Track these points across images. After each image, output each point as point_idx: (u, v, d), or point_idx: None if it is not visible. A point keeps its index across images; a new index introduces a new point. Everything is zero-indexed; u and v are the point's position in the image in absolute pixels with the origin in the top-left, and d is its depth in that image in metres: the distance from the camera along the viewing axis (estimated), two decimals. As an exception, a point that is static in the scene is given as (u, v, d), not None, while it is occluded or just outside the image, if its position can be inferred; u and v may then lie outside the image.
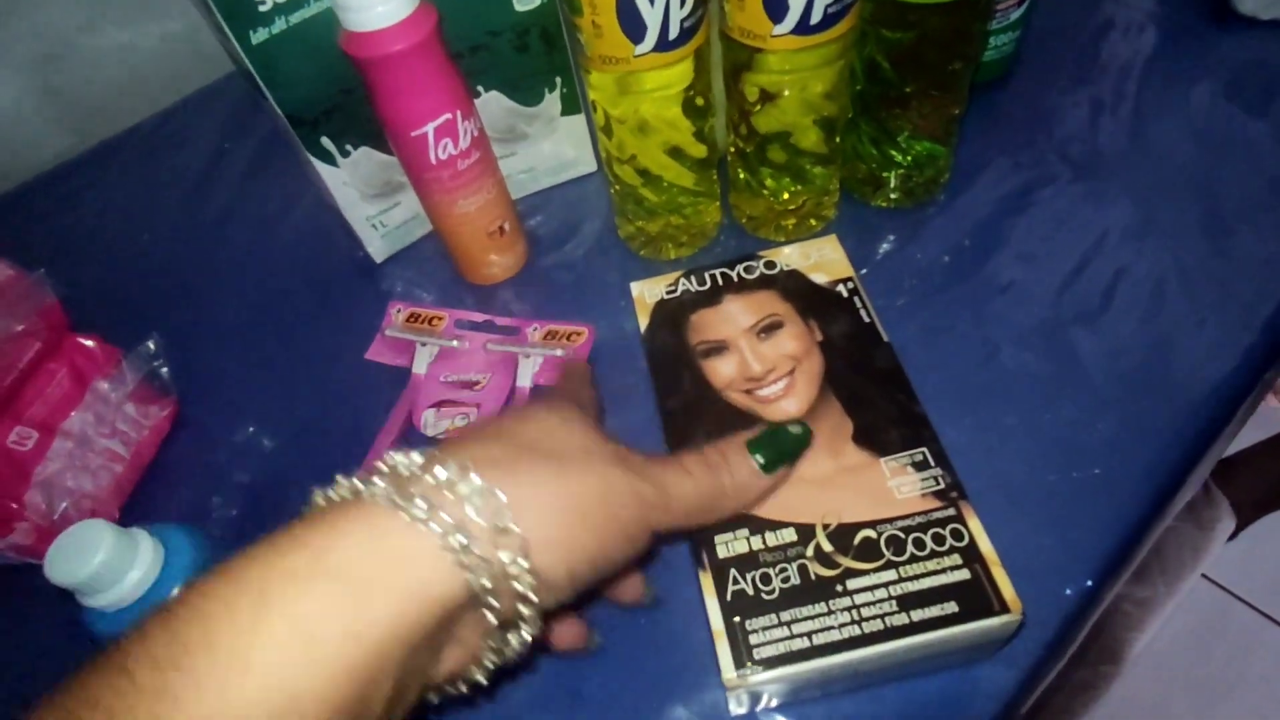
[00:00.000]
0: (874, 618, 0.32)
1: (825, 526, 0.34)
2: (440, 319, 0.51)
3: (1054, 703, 0.84)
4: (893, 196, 0.52)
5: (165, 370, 0.51)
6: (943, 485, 0.35)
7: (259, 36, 0.44)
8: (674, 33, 0.40)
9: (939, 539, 0.33)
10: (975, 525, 0.34)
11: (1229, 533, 0.99)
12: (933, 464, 0.36)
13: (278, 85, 0.46)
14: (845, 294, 0.43)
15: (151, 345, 0.51)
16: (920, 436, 0.37)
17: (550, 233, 0.57)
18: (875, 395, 0.39)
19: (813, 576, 0.33)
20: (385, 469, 0.26)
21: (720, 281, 0.45)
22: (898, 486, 0.35)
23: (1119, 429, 0.41)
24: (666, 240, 0.52)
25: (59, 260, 0.52)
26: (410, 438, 0.48)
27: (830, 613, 0.32)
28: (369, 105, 0.44)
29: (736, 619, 0.32)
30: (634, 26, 0.39)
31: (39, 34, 0.69)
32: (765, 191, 0.50)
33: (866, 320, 0.42)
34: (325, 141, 0.50)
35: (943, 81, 0.46)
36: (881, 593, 0.32)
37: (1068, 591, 0.37)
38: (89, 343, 0.49)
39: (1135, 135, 0.54)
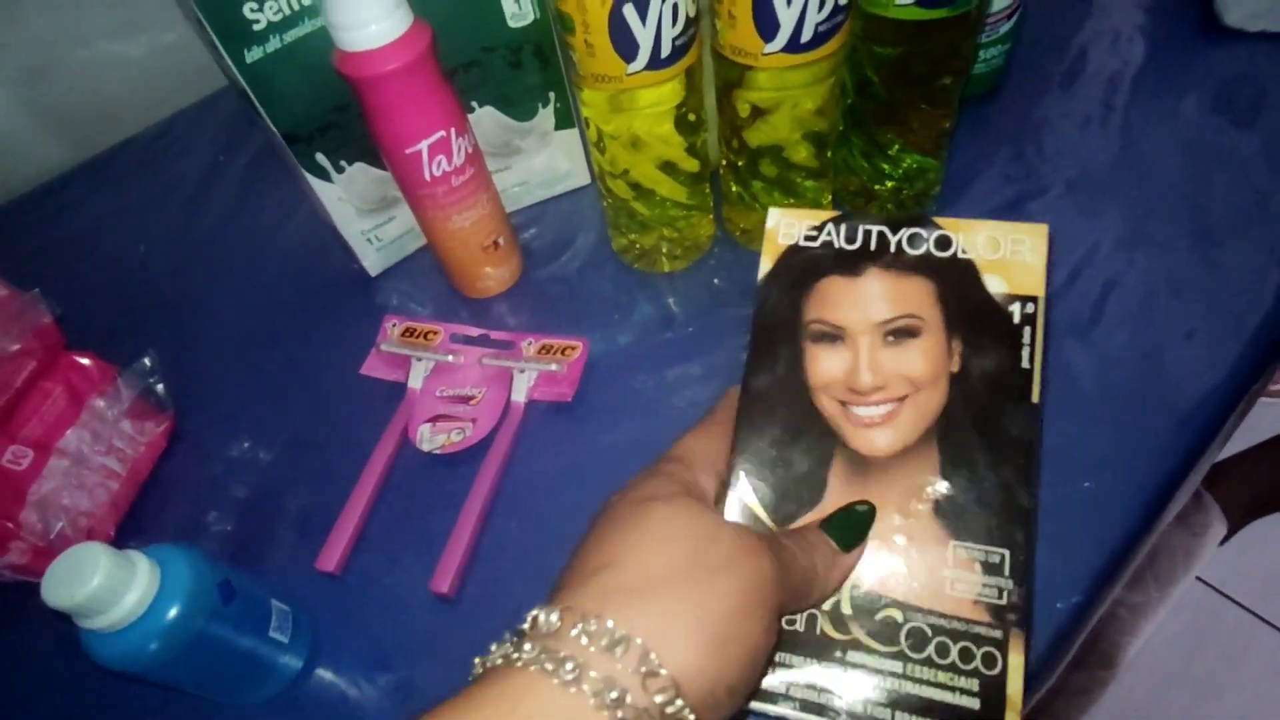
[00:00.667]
0: (857, 700, 0.30)
1: (854, 587, 0.32)
2: (435, 333, 0.52)
3: (1049, 707, 0.85)
4: (885, 209, 0.53)
5: (161, 386, 0.51)
6: (1004, 602, 0.30)
7: (253, 55, 0.44)
8: (666, 51, 0.40)
9: (967, 655, 0.30)
10: (1015, 661, 0.29)
11: (1220, 538, 0.99)
12: (1006, 573, 0.30)
13: (272, 103, 0.46)
14: (1017, 319, 0.34)
15: (147, 361, 0.51)
16: (1011, 538, 0.31)
17: (544, 246, 0.57)
18: (985, 465, 0.32)
19: (819, 631, 0.31)
20: (528, 628, 0.26)
21: (873, 246, 0.36)
22: (953, 580, 0.31)
23: (1109, 442, 0.42)
24: (660, 254, 0.52)
25: (52, 276, 0.51)
26: (405, 453, 0.48)
27: (817, 673, 0.30)
28: (363, 122, 0.45)
29: None
30: (626, 45, 0.39)
31: (29, 46, 0.69)
32: (758, 205, 0.50)
33: (1025, 365, 0.33)
34: (320, 158, 0.50)
35: (933, 95, 0.47)
36: (876, 679, 0.30)
37: (1059, 605, 0.37)
38: (84, 360, 0.49)
39: (1124, 147, 0.55)
